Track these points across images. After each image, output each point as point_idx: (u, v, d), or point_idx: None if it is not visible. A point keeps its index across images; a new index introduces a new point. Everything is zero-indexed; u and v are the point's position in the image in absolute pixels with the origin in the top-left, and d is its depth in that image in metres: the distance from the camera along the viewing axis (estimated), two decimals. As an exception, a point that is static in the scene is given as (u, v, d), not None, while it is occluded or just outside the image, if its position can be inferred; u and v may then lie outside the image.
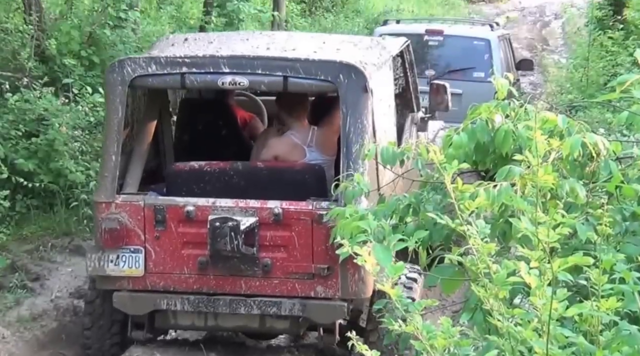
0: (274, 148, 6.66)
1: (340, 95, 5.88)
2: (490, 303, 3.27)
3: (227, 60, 5.98)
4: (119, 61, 6.12)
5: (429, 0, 29.05)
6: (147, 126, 6.63)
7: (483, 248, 3.36)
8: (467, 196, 3.70)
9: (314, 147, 6.58)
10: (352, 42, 6.98)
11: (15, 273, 8.59)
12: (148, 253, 6.02)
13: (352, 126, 5.82)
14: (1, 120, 9.85)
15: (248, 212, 5.90)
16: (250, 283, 5.99)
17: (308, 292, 5.95)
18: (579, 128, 4.22)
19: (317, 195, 5.96)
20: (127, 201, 6.04)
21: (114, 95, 6.02)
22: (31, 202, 9.83)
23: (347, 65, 5.89)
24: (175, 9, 17.27)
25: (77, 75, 11.14)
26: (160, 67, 5.99)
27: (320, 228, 5.80)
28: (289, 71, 5.91)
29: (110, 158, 6.03)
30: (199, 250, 5.96)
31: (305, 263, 5.91)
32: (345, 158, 5.79)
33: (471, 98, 4.96)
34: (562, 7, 30.84)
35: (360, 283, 5.85)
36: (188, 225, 5.98)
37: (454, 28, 13.64)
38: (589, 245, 3.83)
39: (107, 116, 6.11)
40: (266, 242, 5.92)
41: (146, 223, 6.00)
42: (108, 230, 5.97)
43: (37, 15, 11.46)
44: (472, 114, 4.49)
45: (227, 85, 6.00)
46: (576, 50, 20.70)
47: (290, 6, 21.25)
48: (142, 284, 6.08)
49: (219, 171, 6.22)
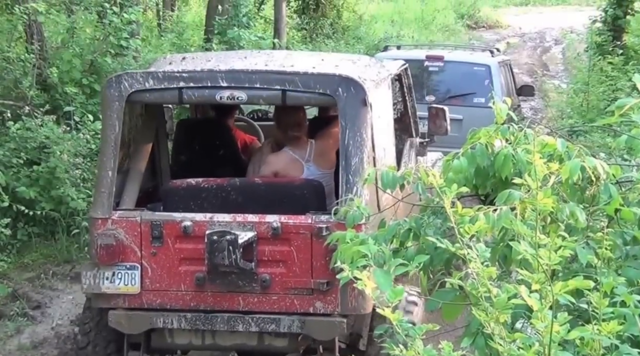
0: (273, 164, 6.60)
1: (340, 109, 5.82)
2: (492, 327, 3.26)
3: (225, 74, 5.91)
4: (116, 76, 6.04)
5: (429, 26, 29.19)
6: (144, 146, 6.56)
7: (483, 272, 3.35)
8: (467, 220, 3.70)
9: (312, 161, 6.54)
10: (350, 59, 6.97)
11: (16, 301, 8.59)
12: (144, 270, 5.91)
13: (351, 139, 5.76)
14: (3, 148, 9.88)
15: (246, 226, 5.81)
16: (249, 300, 5.88)
17: (307, 308, 5.84)
18: (579, 152, 4.22)
19: (316, 210, 5.89)
20: (124, 217, 5.94)
21: (111, 111, 5.94)
22: (32, 229, 9.84)
23: (346, 79, 5.84)
24: (176, 36, 17.36)
25: (79, 103, 11.19)
26: (158, 81, 5.92)
27: (319, 243, 5.69)
28: (288, 85, 5.84)
29: (107, 174, 5.93)
30: (196, 266, 5.85)
31: (304, 278, 5.81)
32: (345, 171, 5.74)
33: (471, 123, 4.96)
34: (562, 33, 30.99)
35: (360, 298, 5.74)
36: (185, 241, 5.88)
37: (454, 54, 13.66)
38: (589, 269, 3.82)
39: (104, 131, 6.03)
40: (265, 256, 5.82)
41: (142, 240, 5.90)
42: (104, 246, 5.86)
43: (38, 44, 11.53)
44: (471, 139, 4.49)
45: (226, 99, 5.92)
46: (576, 75, 20.75)
47: (291, 33, 21.35)
48: (138, 302, 5.96)
49: (216, 187, 6.14)
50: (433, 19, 30.21)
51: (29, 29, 11.77)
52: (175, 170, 7.11)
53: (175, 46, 16.72)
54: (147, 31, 17.69)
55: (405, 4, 32.38)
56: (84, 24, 12.98)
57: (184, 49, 16.56)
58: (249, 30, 15.66)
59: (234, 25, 15.11)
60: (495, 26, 33.77)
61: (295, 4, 24.41)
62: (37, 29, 11.76)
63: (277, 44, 16.58)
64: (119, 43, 12.05)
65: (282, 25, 18.04)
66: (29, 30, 11.77)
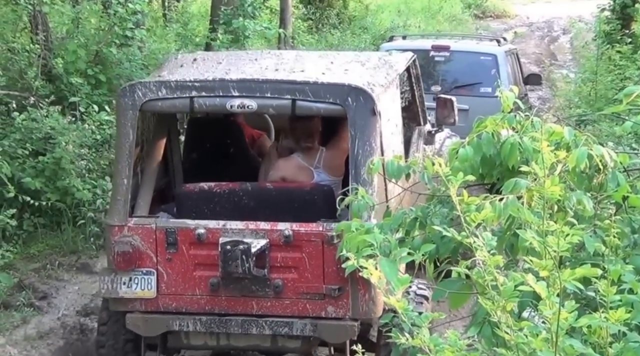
0: (281, 170, 6.68)
1: (349, 118, 5.90)
2: (498, 316, 3.24)
3: (237, 83, 6.02)
4: (130, 85, 6.17)
5: (436, 16, 29.11)
6: (157, 146, 6.68)
7: (490, 260, 3.33)
8: (473, 208, 3.67)
9: (322, 168, 6.60)
10: (359, 61, 6.98)
11: (23, 292, 8.59)
12: (160, 275, 6.07)
13: (361, 148, 5.85)
14: (8, 139, 9.87)
15: (258, 234, 5.93)
16: (262, 304, 6.03)
17: (319, 312, 5.98)
18: (586, 140, 4.19)
19: (327, 216, 5.97)
20: (139, 224, 6.09)
21: (125, 119, 6.08)
22: (38, 220, 9.84)
23: (356, 89, 5.91)
24: (182, 27, 17.31)
25: (84, 94, 11.17)
26: (170, 91, 6.05)
27: (330, 249, 5.82)
28: (298, 94, 5.94)
29: (122, 181, 6.08)
30: (210, 272, 6.00)
31: (316, 283, 5.93)
32: (354, 181, 5.78)
33: (478, 113, 4.91)
34: (570, 22, 30.89)
35: (371, 303, 5.88)
36: (199, 248, 6.02)
37: (460, 43, 13.61)
38: (597, 257, 3.80)
39: (118, 140, 6.18)
40: (277, 263, 5.95)
41: (158, 246, 6.05)
42: (121, 253, 6.02)
43: (43, 35, 11.50)
44: (477, 127, 4.47)
45: (236, 108, 6.03)
46: (584, 64, 20.68)
47: (297, 23, 21.31)
48: (155, 305, 6.13)
49: (228, 192, 6.26)
50: (440, 9, 30.11)
51: (33, 20, 11.74)
52: (187, 167, 7.25)
53: (180, 36, 16.68)
54: (152, 21, 17.64)
55: (412, -6, 32.30)
56: (89, 14, 12.94)
57: (189, 39, 16.54)
58: (255, 20, 15.60)
59: (240, 15, 15.07)
60: (503, 16, 33.71)
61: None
62: (42, 20, 11.73)
63: (282, 34, 16.52)
64: (124, 33, 12.02)
65: (288, 16, 18.01)
66: (34, 21, 11.74)
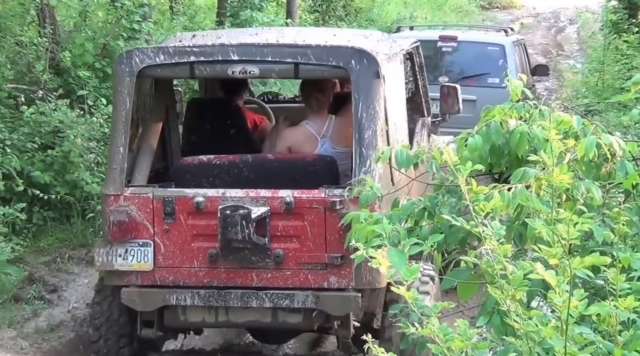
0: (288, 138, 6.60)
1: (352, 81, 5.80)
2: (507, 305, 3.25)
3: (237, 48, 5.89)
4: (127, 52, 6.05)
5: (442, 7, 29.07)
6: (154, 125, 6.53)
7: (499, 249, 3.34)
8: (482, 198, 3.68)
9: (329, 137, 6.50)
10: (363, 34, 6.96)
11: (33, 285, 8.61)
12: (157, 246, 5.91)
13: (364, 112, 5.74)
14: (17, 133, 9.89)
15: (259, 201, 5.79)
16: (262, 276, 5.87)
17: (321, 283, 5.83)
18: (594, 129, 4.19)
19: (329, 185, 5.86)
20: (136, 193, 5.93)
21: (122, 86, 5.94)
22: (47, 214, 9.85)
23: (359, 51, 5.82)
24: (188, 20, 17.32)
25: (92, 87, 11.17)
26: (169, 56, 5.91)
27: (333, 217, 5.69)
28: (300, 58, 5.83)
29: (118, 150, 5.93)
30: (209, 243, 5.84)
31: (318, 252, 5.79)
32: (358, 145, 5.71)
33: (486, 104, 4.89)
34: (576, 12, 30.82)
35: (374, 272, 5.69)
36: (198, 217, 5.87)
37: (468, 34, 13.60)
38: (606, 246, 3.80)
39: (115, 107, 6.03)
40: (278, 232, 5.80)
41: (155, 216, 5.90)
42: (116, 222, 5.86)
43: (51, 28, 11.51)
44: (485, 116, 4.47)
45: (238, 74, 5.90)
46: (591, 54, 20.65)
47: (304, 15, 21.29)
48: (151, 279, 5.95)
49: (228, 164, 6.13)
50: (446, 0, 30.06)
51: (41, 13, 11.74)
52: (186, 150, 7.07)
53: (187, 29, 16.66)
54: (159, 14, 17.62)
55: (418, -15, 32.24)
56: (96, 8, 12.93)
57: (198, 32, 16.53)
58: (262, 12, 15.61)
59: (246, 7, 15.09)
60: (509, 6, 33.65)
61: (307, -14, 24.36)
62: (50, 13, 11.74)
63: (289, 25, 16.53)
64: (131, 26, 12.00)
65: (295, 8, 18.00)
66: (42, 14, 11.74)
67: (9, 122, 10.14)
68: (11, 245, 8.69)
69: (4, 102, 10.41)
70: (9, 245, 8.55)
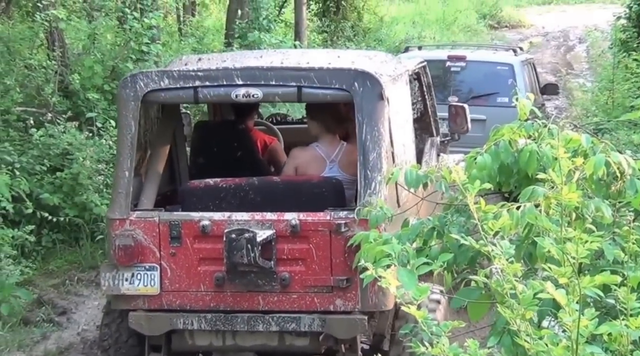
0: (296, 158, 6.60)
1: (356, 104, 5.76)
2: (517, 324, 3.22)
3: (240, 72, 5.88)
4: (131, 76, 6.03)
5: (451, 27, 29.10)
6: (161, 149, 6.53)
7: (508, 269, 3.31)
8: (491, 216, 3.66)
9: (337, 163, 6.49)
10: (367, 56, 6.93)
11: (42, 308, 8.61)
12: (163, 270, 5.88)
13: (369, 134, 5.71)
14: (26, 155, 9.92)
15: (265, 224, 5.77)
16: (268, 299, 5.84)
17: (327, 306, 5.79)
18: (603, 147, 4.17)
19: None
20: (142, 217, 5.91)
21: (127, 111, 5.92)
22: (57, 236, 9.87)
23: (362, 73, 5.79)
24: (197, 41, 17.39)
25: (101, 109, 11.22)
26: (173, 81, 5.90)
27: (338, 239, 5.66)
28: (303, 81, 5.81)
29: (124, 174, 5.91)
30: (215, 266, 5.82)
31: (324, 275, 5.75)
32: (363, 167, 5.69)
33: (495, 123, 4.86)
34: (585, 31, 30.81)
35: (380, 295, 5.68)
36: (204, 241, 5.84)
37: (476, 53, 13.57)
38: (617, 265, 3.77)
39: (120, 131, 6.01)
40: (284, 255, 5.77)
41: (161, 240, 5.86)
42: (122, 247, 5.83)
43: (60, 51, 11.57)
44: (494, 135, 4.46)
45: (241, 97, 5.88)
46: (601, 73, 20.62)
47: (312, 36, 21.35)
48: (158, 303, 5.93)
49: (234, 187, 6.11)
50: (455, 20, 30.11)
51: (50, 36, 11.82)
52: (193, 173, 7.07)
53: (196, 51, 16.74)
54: (167, 36, 17.71)
55: (427, 5, 32.31)
56: (104, 30, 13.03)
57: (205, 54, 16.57)
58: (270, 33, 15.64)
59: (254, 28, 15.12)
60: (518, 26, 33.63)
61: (315, 7, 24.41)
62: (59, 36, 11.81)
63: (297, 46, 16.56)
64: (139, 48, 12.06)
65: (303, 29, 18.04)
66: (51, 38, 11.83)
67: (18, 145, 10.18)
68: (20, 267, 8.70)
69: (13, 125, 10.46)
70: (18, 268, 8.56)
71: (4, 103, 10.27)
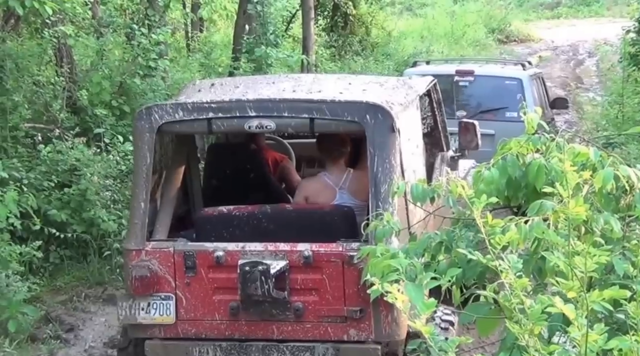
0: (305, 188, 6.69)
1: (367, 136, 5.84)
2: (526, 340, 3.18)
3: (253, 103, 5.98)
4: (147, 108, 6.13)
5: (459, 41, 29.07)
6: (176, 172, 6.63)
7: (517, 283, 3.27)
8: (498, 231, 3.62)
9: (346, 190, 6.55)
10: (378, 82, 6.97)
11: (49, 324, 8.59)
12: (179, 300, 5.99)
13: (380, 166, 5.78)
14: (34, 171, 9.92)
15: (278, 255, 5.87)
16: (283, 328, 5.94)
17: (341, 336, 5.89)
18: (612, 161, 4.13)
19: (347, 237, 5.90)
20: (157, 248, 6.02)
21: (142, 142, 6.04)
22: (64, 252, 9.85)
23: (374, 106, 5.86)
24: (204, 56, 17.39)
25: (109, 125, 11.23)
26: (187, 113, 6.00)
27: (351, 270, 5.75)
28: (315, 113, 5.89)
29: (140, 205, 6.02)
30: (229, 296, 5.92)
31: (337, 306, 5.85)
32: (374, 198, 5.74)
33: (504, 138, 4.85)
34: (595, 45, 30.77)
35: (394, 325, 5.78)
36: (218, 271, 5.95)
37: (485, 68, 13.52)
38: (627, 280, 3.73)
39: (136, 163, 6.13)
40: (297, 285, 5.88)
41: (176, 270, 5.98)
42: (138, 277, 5.95)
43: (68, 67, 11.59)
44: (502, 149, 4.42)
45: (254, 128, 5.99)
46: (610, 87, 20.57)
47: (320, 50, 21.34)
48: (174, 332, 6.04)
49: (247, 215, 6.21)
50: (463, 34, 30.08)
51: (58, 53, 11.84)
52: (207, 194, 7.18)
53: (203, 66, 16.76)
54: (175, 52, 17.74)
55: (435, 20, 32.32)
56: (112, 46, 13.05)
57: (212, 69, 16.59)
58: (277, 48, 15.64)
59: (262, 43, 15.12)
60: (527, 40, 33.60)
61: (323, 22, 24.43)
62: (67, 52, 11.84)
63: (305, 62, 16.54)
64: (147, 64, 12.08)
65: (311, 43, 18.01)
66: (59, 54, 11.85)
67: (26, 161, 10.19)
68: (28, 284, 8.67)
69: (22, 141, 10.47)
70: (26, 285, 8.54)
71: (13, 119, 10.28)
